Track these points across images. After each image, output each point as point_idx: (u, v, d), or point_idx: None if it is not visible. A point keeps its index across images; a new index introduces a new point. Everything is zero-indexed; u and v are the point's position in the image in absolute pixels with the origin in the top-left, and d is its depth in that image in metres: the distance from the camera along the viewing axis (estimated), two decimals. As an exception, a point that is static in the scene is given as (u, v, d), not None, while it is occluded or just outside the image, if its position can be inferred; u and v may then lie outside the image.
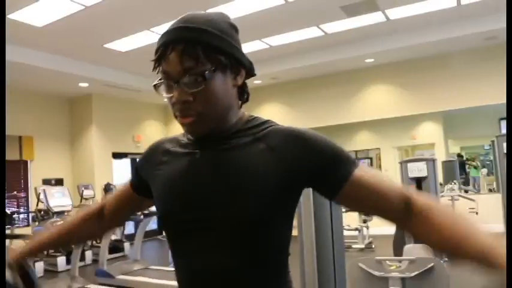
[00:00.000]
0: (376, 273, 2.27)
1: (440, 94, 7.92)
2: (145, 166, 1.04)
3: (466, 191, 8.07)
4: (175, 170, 0.95)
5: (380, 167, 11.13)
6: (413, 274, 2.18)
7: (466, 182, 9.59)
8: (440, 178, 8.08)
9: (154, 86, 0.92)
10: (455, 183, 7.23)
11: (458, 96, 7.72)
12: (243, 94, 0.96)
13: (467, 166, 10.62)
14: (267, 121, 0.95)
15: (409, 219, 0.85)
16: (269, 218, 0.86)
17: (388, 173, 10.74)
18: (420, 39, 6.99)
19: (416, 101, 8.23)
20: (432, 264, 2.16)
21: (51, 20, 5.71)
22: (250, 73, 0.96)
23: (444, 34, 6.77)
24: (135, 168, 1.08)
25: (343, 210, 7.02)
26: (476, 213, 6.51)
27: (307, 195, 2.60)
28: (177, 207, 0.91)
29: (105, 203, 1.16)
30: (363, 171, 0.86)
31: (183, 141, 1.00)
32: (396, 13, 6.27)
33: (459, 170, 9.36)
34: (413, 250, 2.81)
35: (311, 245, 2.53)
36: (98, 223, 1.15)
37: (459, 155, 10.38)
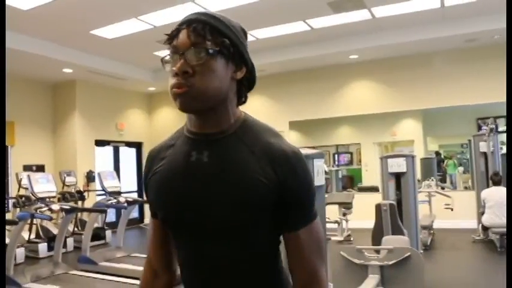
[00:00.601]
0: (357, 261, 2.38)
1: (421, 92, 8.13)
2: (147, 180, 1.06)
3: (443, 188, 8.30)
4: (171, 173, 0.99)
5: (360, 161, 11.34)
6: (391, 262, 2.31)
7: (443, 179, 9.86)
8: (418, 174, 8.34)
9: (162, 59, 0.96)
10: (432, 180, 7.45)
11: (438, 95, 7.94)
12: (241, 94, 1.01)
13: (444, 163, 10.90)
14: (267, 131, 0.99)
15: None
16: (245, 223, 0.93)
17: (368, 168, 10.98)
18: (404, 38, 7.15)
19: (397, 98, 8.42)
20: (409, 253, 2.29)
21: (38, 3, 5.64)
22: (251, 78, 1.01)
23: (427, 34, 6.95)
24: (146, 192, 1.08)
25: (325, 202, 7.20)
26: (452, 209, 6.74)
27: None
28: (175, 211, 0.98)
29: (150, 257, 1.13)
30: (310, 231, 0.96)
31: (177, 142, 1.02)
32: (382, 11, 6.40)
33: (437, 167, 9.62)
34: (391, 241, 2.94)
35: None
36: (158, 283, 1.11)
37: (437, 153, 10.64)
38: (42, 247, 6.34)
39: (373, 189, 8.82)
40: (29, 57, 7.14)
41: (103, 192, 7.00)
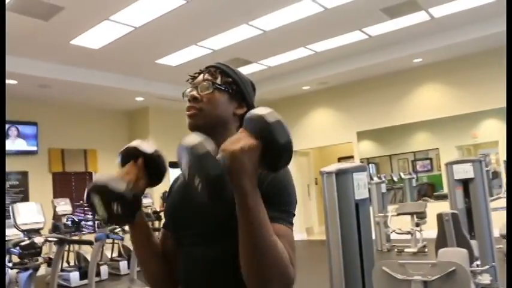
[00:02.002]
0: (399, 276, 2.32)
1: (497, 90, 7.58)
2: (171, 192, 1.30)
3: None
4: (178, 188, 1.25)
5: (440, 167, 10.77)
6: (434, 277, 2.21)
7: (532, 182, 9.04)
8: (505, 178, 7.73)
9: (183, 93, 1.22)
10: (516, 184, 6.86)
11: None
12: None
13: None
14: None
15: None
16: (230, 222, 1.00)
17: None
18: (469, 35, 6.78)
19: (473, 99, 7.94)
20: (454, 268, 2.18)
21: (106, 42, 6.18)
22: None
23: (493, 28, 6.51)
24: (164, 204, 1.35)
25: (394, 213, 6.95)
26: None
27: (332, 200, 2.68)
28: (174, 212, 1.22)
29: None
30: (290, 231, 1.03)
31: None
32: (440, 11, 6.13)
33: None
34: (447, 254, 2.81)
35: (337, 250, 2.62)
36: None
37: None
38: (123, 265, 6.79)
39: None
40: (104, 89, 7.79)
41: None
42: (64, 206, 7.01)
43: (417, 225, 6.83)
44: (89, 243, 4.88)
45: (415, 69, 8.25)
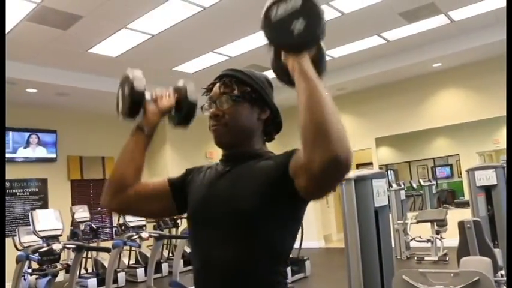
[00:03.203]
0: (420, 285, 2.24)
1: (520, 94, 7.40)
2: (192, 175, 1.29)
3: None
4: (204, 181, 1.22)
5: (460, 174, 10.55)
6: (457, 287, 2.14)
7: (556, 189, 8.79)
8: None
9: (201, 107, 1.23)
10: (540, 190, 6.67)
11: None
12: (267, 133, 1.22)
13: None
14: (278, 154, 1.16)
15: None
16: (257, 218, 1.05)
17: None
18: (489, 39, 6.63)
19: (494, 103, 7.76)
20: (477, 277, 2.10)
21: (124, 50, 6.24)
22: (276, 119, 1.22)
23: (516, 32, 6.36)
24: (186, 171, 1.34)
25: (414, 221, 6.80)
26: None
27: (351, 207, 2.63)
28: (198, 208, 1.17)
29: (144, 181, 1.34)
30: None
31: (217, 165, 1.25)
32: (460, 14, 6.03)
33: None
34: (469, 263, 2.72)
35: (356, 258, 2.56)
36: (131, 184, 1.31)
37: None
38: (140, 272, 6.79)
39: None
40: (122, 97, 7.84)
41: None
42: (82, 213, 7.07)
43: (437, 232, 6.68)
44: (107, 250, 4.90)
45: (434, 74, 8.12)
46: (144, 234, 5.40)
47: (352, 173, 2.60)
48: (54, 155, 8.10)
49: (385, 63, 7.70)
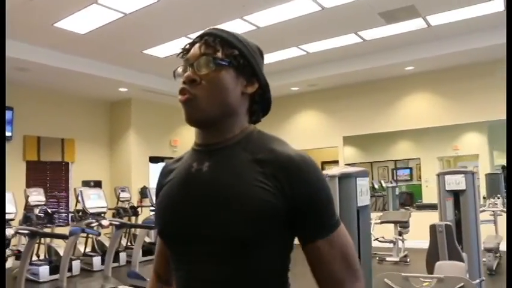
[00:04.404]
0: (402, 290, 2.17)
1: (485, 103, 7.60)
2: (164, 183, 1.03)
3: (511, 206, 7.64)
4: (172, 186, 0.96)
5: (420, 177, 10.79)
6: (441, 294, 2.08)
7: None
8: (483, 191, 7.74)
9: (174, 72, 0.95)
10: (498, 198, 6.88)
11: (504, 105, 7.36)
12: (253, 111, 0.97)
13: (513, 179, 10.10)
14: (272, 140, 0.93)
15: None
16: (252, 238, 0.83)
17: (428, 184, 10.41)
18: (463, 46, 6.75)
19: (458, 110, 7.95)
20: (462, 284, 2.05)
21: (93, 27, 5.90)
22: (265, 96, 0.97)
23: (489, 41, 6.50)
24: (157, 185, 1.07)
25: (378, 221, 6.87)
26: (521, 230, 6.16)
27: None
28: (170, 223, 0.93)
29: (156, 269, 1.09)
30: (332, 240, 0.86)
31: (185, 156, 1.01)
32: (438, 19, 6.08)
33: (504, 183, 8.92)
34: (445, 267, 2.69)
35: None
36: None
37: (504, 167, 9.90)
38: (96, 260, 6.51)
39: (433, 207, 8.32)
40: (87, 78, 7.48)
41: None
42: (37, 196, 6.69)
43: (400, 234, 6.75)
44: (64, 237, 4.61)
45: (405, 77, 8.21)
46: (105, 222, 5.14)
47: (337, 170, 2.49)
48: (9, 133, 7.62)
49: (359, 63, 7.71)
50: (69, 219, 7.87)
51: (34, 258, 6.25)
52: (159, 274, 1.08)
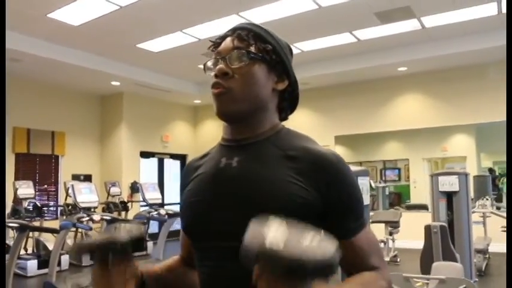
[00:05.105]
0: (403, 290, 2.18)
1: (474, 106, 7.68)
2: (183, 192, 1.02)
3: (499, 208, 7.76)
4: (200, 182, 0.95)
5: (408, 178, 10.88)
6: (442, 294, 2.09)
7: (498, 199, 9.25)
8: (471, 193, 7.83)
9: (204, 65, 0.95)
10: (487, 199, 6.96)
11: (493, 108, 7.45)
12: (282, 108, 0.97)
13: (499, 181, 10.25)
14: (303, 138, 0.93)
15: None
16: None
17: (416, 185, 10.51)
18: (456, 49, 6.81)
19: (448, 112, 8.02)
20: (464, 286, 2.06)
21: (88, 19, 5.82)
22: (294, 93, 0.98)
23: (482, 44, 6.57)
24: (181, 180, 1.07)
25: (369, 221, 6.90)
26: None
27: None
28: (197, 220, 0.92)
29: (183, 254, 1.08)
30: (365, 235, 0.88)
31: (212, 151, 1.00)
32: (432, 21, 6.12)
33: (491, 185, 9.05)
34: (442, 268, 2.70)
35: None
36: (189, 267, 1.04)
37: (490, 170, 10.03)
38: (86, 255, 6.42)
39: (422, 207, 8.41)
40: (79, 70, 7.38)
41: (146, 203, 7.06)
42: (26, 189, 6.60)
43: (390, 234, 6.80)
44: (55, 231, 4.55)
45: (398, 77, 8.25)
46: (96, 217, 5.08)
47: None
48: (-2, 125, 7.49)
49: (352, 62, 7.73)
50: (58, 213, 7.77)
51: (22, 252, 6.15)
52: (184, 257, 1.07)
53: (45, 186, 8.07)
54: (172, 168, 10.40)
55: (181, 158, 10.49)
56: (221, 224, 0.87)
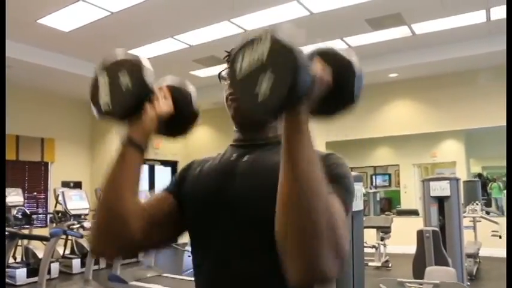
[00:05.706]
0: (398, 295, 2.18)
1: (463, 112, 7.76)
2: (185, 176, 1.03)
3: (488, 213, 7.84)
4: (212, 169, 0.99)
5: (399, 183, 10.95)
6: (437, 299, 2.09)
7: (488, 204, 9.34)
8: (461, 198, 7.90)
9: (219, 74, 1.01)
10: (477, 204, 7.02)
11: (482, 114, 7.54)
12: None
13: (488, 186, 10.36)
14: None
15: None
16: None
17: (407, 190, 10.57)
18: (446, 55, 6.88)
19: (438, 118, 8.09)
20: (457, 289, 2.07)
21: (78, 25, 5.80)
22: None
23: (471, 50, 6.66)
24: (177, 176, 1.05)
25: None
26: (500, 236, 6.31)
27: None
28: (204, 209, 0.94)
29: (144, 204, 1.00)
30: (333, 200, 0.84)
31: (222, 152, 1.05)
32: (422, 28, 6.18)
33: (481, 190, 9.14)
34: (436, 273, 2.71)
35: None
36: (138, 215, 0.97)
37: (479, 175, 10.14)
38: (76, 263, 6.36)
39: (413, 212, 8.44)
40: (69, 76, 7.32)
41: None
42: (15, 196, 6.50)
43: (382, 239, 6.82)
44: (45, 239, 4.49)
45: (389, 83, 8.31)
46: (87, 224, 5.03)
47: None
48: (-14, 132, 7.40)
49: (343, 69, 7.76)
50: (48, 220, 7.68)
51: (11, 260, 6.06)
52: (144, 207, 0.97)
53: (35, 193, 7.97)
54: (163, 175, 10.35)
55: (172, 164, 10.44)
56: (228, 209, 0.90)
